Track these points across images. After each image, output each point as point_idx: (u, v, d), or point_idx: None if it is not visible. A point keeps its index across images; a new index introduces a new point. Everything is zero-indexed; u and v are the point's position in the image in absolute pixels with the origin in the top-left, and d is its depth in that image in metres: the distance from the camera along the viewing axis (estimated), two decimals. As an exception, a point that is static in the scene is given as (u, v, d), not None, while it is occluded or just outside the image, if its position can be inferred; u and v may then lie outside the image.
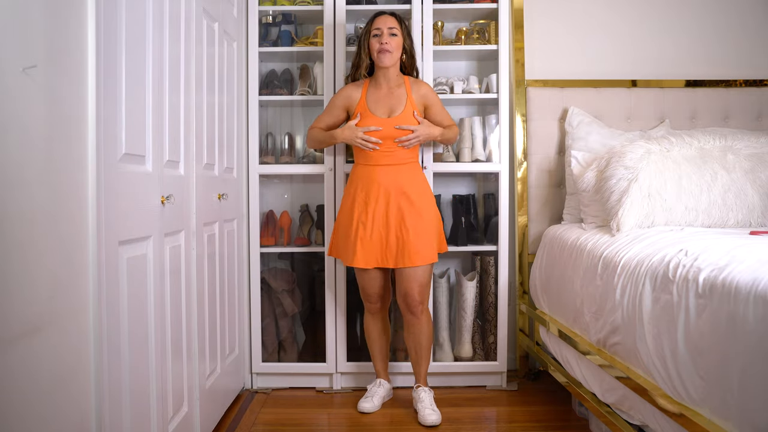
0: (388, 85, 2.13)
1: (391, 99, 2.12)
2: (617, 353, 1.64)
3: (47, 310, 1.03)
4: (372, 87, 2.15)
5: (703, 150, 2.00)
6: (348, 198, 2.12)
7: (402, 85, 2.14)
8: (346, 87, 2.18)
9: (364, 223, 2.05)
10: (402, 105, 2.10)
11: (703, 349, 1.25)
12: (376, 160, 2.09)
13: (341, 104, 2.17)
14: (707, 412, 1.23)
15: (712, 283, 1.25)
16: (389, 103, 2.12)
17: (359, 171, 2.12)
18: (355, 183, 2.11)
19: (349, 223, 2.08)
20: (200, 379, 1.80)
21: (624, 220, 1.88)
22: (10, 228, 0.94)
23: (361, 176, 2.10)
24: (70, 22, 1.10)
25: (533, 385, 2.46)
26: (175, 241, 1.62)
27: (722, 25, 2.62)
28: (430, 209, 2.11)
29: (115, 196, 1.23)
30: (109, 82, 1.21)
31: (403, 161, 2.11)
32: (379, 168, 2.08)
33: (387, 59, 2.07)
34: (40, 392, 1.00)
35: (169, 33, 1.56)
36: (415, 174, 2.13)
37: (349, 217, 2.09)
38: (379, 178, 2.07)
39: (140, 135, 1.38)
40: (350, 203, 2.10)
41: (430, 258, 2.05)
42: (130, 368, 1.31)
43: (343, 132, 2.12)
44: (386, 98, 2.12)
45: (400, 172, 2.09)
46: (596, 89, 2.51)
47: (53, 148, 1.05)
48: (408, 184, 2.07)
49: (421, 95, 2.14)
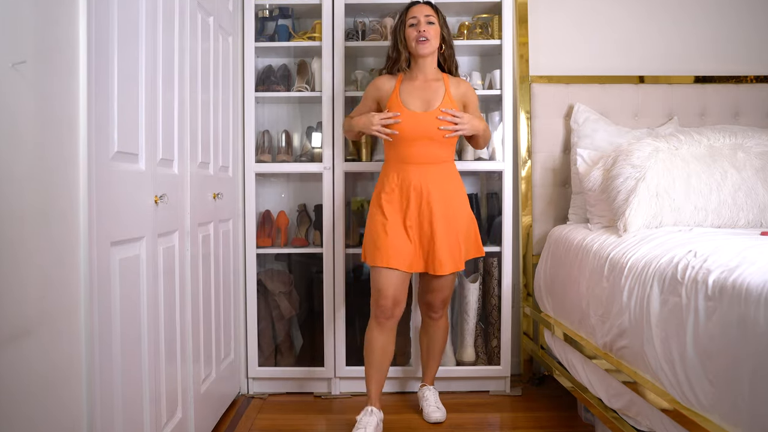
0: (424, 78, 2.00)
1: (427, 91, 1.98)
2: (624, 357, 1.62)
3: (37, 311, 1.02)
4: (407, 79, 2.02)
5: (712, 148, 1.98)
6: (381, 198, 1.99)
7: (440, 79, 2.01)
8: (378, 78, 2.07)
9: (396, 224, 1.93)
10: (439, 99, 1.96)
11: (713, 352, 1.23)
12: (409, 158, 1.95)
13: (372, 95, 2.05)
14: (717, 418, 1.21)
15: (722, 285, 1.23)
16: (425, 95, 1.98)
17: (391, 169, 1.99)
18: (388, 182, 1.98)
19: (380, 222, 1.95)
20: (194, 383, 1.78)
21: (631, 220, 1.85)
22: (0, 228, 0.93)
23: (394, 175, 1.97)
24: (60, 16, 1.09)
25: (538, 390, 2.43)
26: (169, 241, 1.60)
27: (732, 19, 2.58)
28: (465, 213, 2.01)
29: (107, 196, 1.22)
30: (101, 78, 1.21)
31: (439, 160, 1.98)
32: (413, 167, 1.95)
33: (426, 48, 1.95)
34: (29, 396, 0.99)
35: (163, 28, 1.54)
36: (451, 175, 2.01)
37: (380, 217, 1.96)
38: (412, 178, 1.94)
39: (133, 133, 1.37)
40: (383, 203, 1.97)
41: (457, 266, 1.96)
42: (122, 372, 1.30)
43: (359, 120, 2.01)
44: (422, 90, 1.98)
45: (436, 172, 1.96)
46: (602, 85, 2.47)
47: (43, 146, 1.04)
48: (443, 186, 1.96)
49: (461, 93, 2.02)
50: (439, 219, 1.92)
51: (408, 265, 1.93)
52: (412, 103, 1.97)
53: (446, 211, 1.94)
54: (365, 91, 2.09)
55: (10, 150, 0.95)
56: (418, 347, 2.25)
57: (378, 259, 1.92)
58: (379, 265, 1.91)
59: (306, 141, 2.52)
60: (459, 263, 1.97)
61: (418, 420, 2.10)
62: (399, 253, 1.91)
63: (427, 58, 1.98)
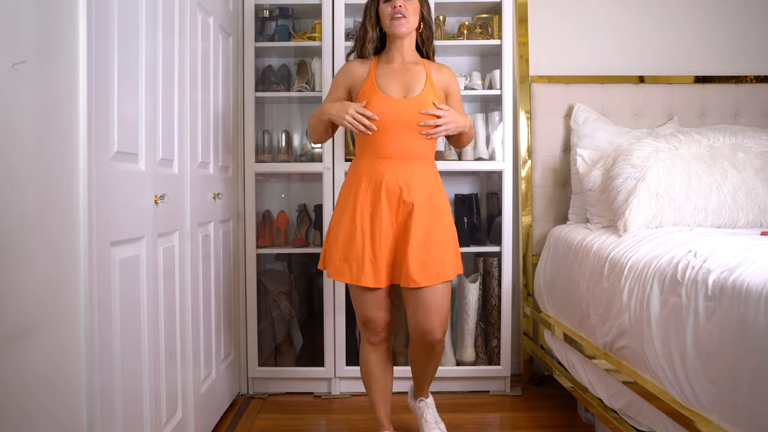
0: (402, 60, 1.73)
1: (405, 75, 1.71)
2: (624, 357, 1.61)
3: (38, 311, 1.02)
4: (382, 62, 1.74)
5: (712, 148, 1.98)
6: (349, 198, 1.71)
7: (419, 62, 1.75)
8: (350, 62, 1.78)
9: (371, 231, 1.65)
10: (420, 84, 1.70)
11: (713, 352, 1.23)
12: (385, 152, 1.67)
13: (343, 82, 1.76)
14: (717, 418, 1.21)
15: (722, 285, 1.23)
16: (404, 80, 1.70)
17: (363, 165, 1.71)
18: (358, 180, 1.70)
19: (351, 229, 1.67)
20: (195, 383, 1.78)
21: (631, 220, 1.85)
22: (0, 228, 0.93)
23: (366, 172, 1.69)
24: (60, 16, 1.09)
25: (538, 390, 2.43)
26: (169, 241, 1.60)
27: (732, 19, 2.58)
28: (448, 217, 1.74)
29: (107, 196, 1.22)
30: (101, 78, 1.21)
31: (419, 155, 1.70)
32: (389, 162, 1.66)
33: (402, 26, 1.67)
34: (30, 395, 1.00)
35: (163, 28, 1.54)
36: (432, 172, 1.74)
37: (351, 223, 1.68)
38: (388, 175, 1.66)
39: (133, 133, 1.37)
40: (352, 205, 1.69)
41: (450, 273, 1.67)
42: (122, 372, 1.30)
43: (331, 107, 1.70)
44: (400, 74, 1.71)
45: (415, 168, 1.68)
46: (602, 85, 2.47)
47: (44, 147, 1.04)
48: (424, 185, 1.69)
49: (443, 80, 1.75)
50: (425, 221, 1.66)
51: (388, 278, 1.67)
52: (390, 88, 1.69)
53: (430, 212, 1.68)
54: (335, 79, 1.80)
55: (10, 150, 0.95)
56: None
57: (354, 275, 1.65)
58: (357, 283, 1.65)
59: (306, 141, 2.52)
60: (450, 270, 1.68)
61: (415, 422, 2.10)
62: (377, 267, 1.64)
63: (404, 39, 1.71)
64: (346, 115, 1.65)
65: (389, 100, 1.67)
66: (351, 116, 1.64)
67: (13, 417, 0.95)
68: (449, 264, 1.68)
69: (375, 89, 1.68)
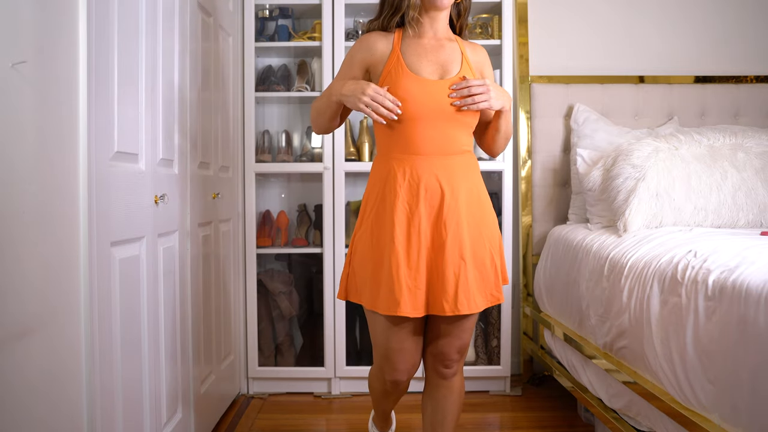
0: (435, 35, 1.39)
1: (439, 53, 1.37)
2: (624, 357, 1.62)
3: (39, 310, 1.02)
4: (410, 36, 1.38)
5: (712, 148, 1.98)
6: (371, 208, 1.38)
7: (453, 39, 1.42)
8: (367, 35, 1.41)
9: (406, 248, 1.30)
10: (457, 64, 1.37)
11: (713, 352, 1.23)
12: (419, 147, 1.33)
13: (360, 59, 1.39)
14: (717, 418, 1.21)
15: (722, 285, 1.23)
16: (438, 58, 1.37)
17: (387, 166, 1.36)
18: (382, 184, 1.37)
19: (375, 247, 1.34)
20: (195, 383, 1.78)
21: (631, 220, 1.85)
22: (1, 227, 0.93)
23: (392, 173, 1.35)
24: (60, 16, 1.09)
25: (538, 390, 2.43)
26: (169, 241, 1.60)
27: (731, 19, 2.58)
28: (495, 223, 1.42)
29: (107, 196, 1.22)
30: (101, 78, 1.20)
31: (460, 148, 1.37)
32: (425, 159, 1.33)
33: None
34: (31, 394, 1.00)
35: (163, 27, 1.54)
36: (474, 169, 1.41)
37: (375, 238, 1.35)
38: (422, 175, 1.32)
39: (133, 133, 1.37)
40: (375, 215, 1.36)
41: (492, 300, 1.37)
42: (122, 372, 1.30)
43: (343, 86, 1.34)
44: (433, 52, 1.37)
45: (457, 164, 1.35)
46: (602, 86, 2.47)
47: (43, 146, 1.04)
48: (466, 184, 1.36)
49: (479, 61, 1.43)
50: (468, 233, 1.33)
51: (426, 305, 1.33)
52: (422, 68, 1.35)
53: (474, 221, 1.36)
54: (348, 54, 1.43)
55: (10, 149, 0.95)
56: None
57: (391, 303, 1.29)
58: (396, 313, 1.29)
59: (306, 141, 2.52)
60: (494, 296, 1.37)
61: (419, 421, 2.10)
62: (416, 292, 1.30)
63: (442, 12, 1.38)
64: (363, 95, 1.29)
65: (423, 81, 1.33)
66: (370, 97, 1.29)
67: (15, 415, 0.95)
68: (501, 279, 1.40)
69: (404, 69, 1.33)
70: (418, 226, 1.32)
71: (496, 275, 1.38)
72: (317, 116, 1.45)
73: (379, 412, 1.66)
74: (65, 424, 1.09)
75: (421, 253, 1.31)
